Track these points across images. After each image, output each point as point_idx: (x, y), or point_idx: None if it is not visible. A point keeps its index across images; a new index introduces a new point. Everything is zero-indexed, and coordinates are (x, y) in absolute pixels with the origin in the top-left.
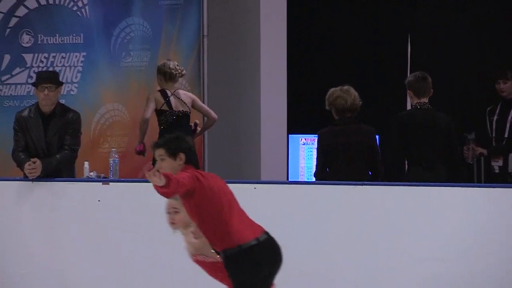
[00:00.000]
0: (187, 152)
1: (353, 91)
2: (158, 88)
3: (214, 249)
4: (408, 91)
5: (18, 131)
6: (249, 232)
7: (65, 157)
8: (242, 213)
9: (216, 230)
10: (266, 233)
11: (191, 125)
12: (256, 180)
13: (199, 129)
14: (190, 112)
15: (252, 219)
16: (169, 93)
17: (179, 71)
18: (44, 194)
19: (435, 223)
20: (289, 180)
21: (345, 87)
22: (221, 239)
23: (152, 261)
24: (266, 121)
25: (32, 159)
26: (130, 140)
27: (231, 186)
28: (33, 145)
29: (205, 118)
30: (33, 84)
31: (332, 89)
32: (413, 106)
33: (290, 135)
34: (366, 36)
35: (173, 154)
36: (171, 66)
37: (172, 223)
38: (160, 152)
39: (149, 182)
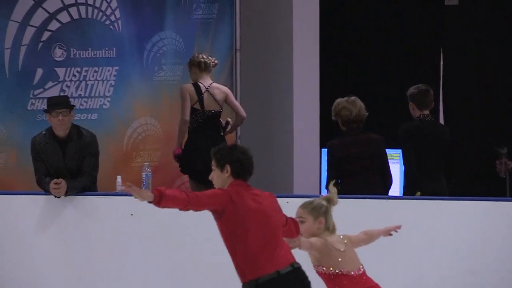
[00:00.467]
0: (234, 165)
1: (359, 102)
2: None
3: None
4: (410, 103)
5: (37, 158)
6: (271, 264)
7: (86, 184)
8: (272, 240)
9: (240, 258)
10: (292, 264)
11: (221, 122)
12: (289, 194)
13: (229, 127)
14: (221, 111)
15: (286, 247)
16: (203, 88)
17: (212, 60)
18: (77, 208)
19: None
20: (322, 193)
21: (351, 98)
22: (242, 270)
23: (186, 273)
24: (298, 135)
25: (57, 179)
26: (162, 154)
27: None
28: (53, 171)
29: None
30: (46, 111)
31: (338, 100)
32: (416, 118)
33: (322, 149)
34: (399, 50)
35: (220, 165)
36: (204, 56)
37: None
38: (212, 162)
39: None
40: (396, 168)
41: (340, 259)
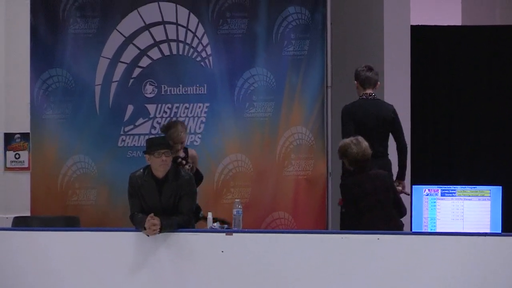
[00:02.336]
0: None
1: (364, 142)
2: None
3: None
4: (355, 82)
5: (133, 195)
6: None
7: (180, 223)
8: None
9: None
10: None
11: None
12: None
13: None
14: None
15: None
16: None
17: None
18: (167, 244)
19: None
20: (413, 230)
21: (357, 138)
22: None
23: None
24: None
25: (153, 216)
26: (253, 190)
27: (355, 237)
28: (148, 209)
29: None
30: (147, 152)
31: (343, 140)
32: (359, 97)
33: (413, 186)
34: (490, 91)
35: None
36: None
37: None
38: None
39: (271, 233)
40: (487, 205)
41: None
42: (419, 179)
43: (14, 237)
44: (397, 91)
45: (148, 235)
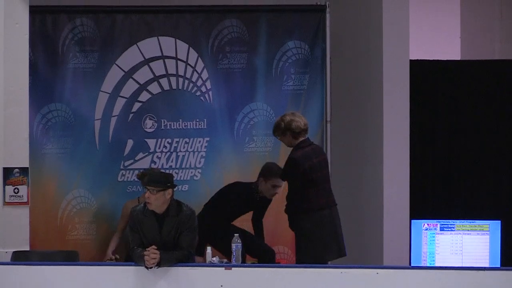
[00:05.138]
0: None
1: (300, 114)
2: None
3: None
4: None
5: (133, 229)
6: None
7: (180, 258)
8: None
9: None
10: None
11: None
12: (379, 265)
13: None
14: None
15: None
16: None
17: None
18: (166, 278)
19: None
20: (412, 265)
21: (293, 112)
22: None
23: None
24: (388, 206)
25: (154, 247)
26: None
27: (354, 271)
28: (148, 244)
29: None
30: (142, 184)
31: (278, 119)
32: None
33: (412, 220)
34: (490, 125)
35: None
36: None
37: None
38: None
39: (270, 267)
40: (486, 239)
41: None
42: (418, 213)
43: (13, 271)
44: (396, 126)
45: (147, 268)
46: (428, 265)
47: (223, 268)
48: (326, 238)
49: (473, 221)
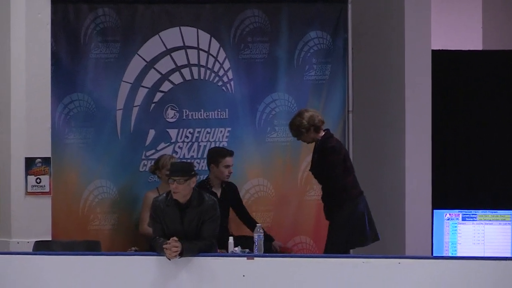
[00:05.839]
0: None
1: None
2: None
3: None
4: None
5: (155, 219)
6: None
7: (202, 248)
8: None
9: None
10: None
11: None
12: (401, 255)
13: None
14: None
15: None
16: None
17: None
18: (188, 268)
19: None
20: (434, 255)
21: (306, 109)
22: None
23: None
24: (410, 196)
25: (175, 238)
26: (275, 215)
27: (376, 261)
28: (170, 234)
29: None
30: (167, 175)
31: (296, 119)
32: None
33: (434, 210)
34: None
35: None
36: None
37: None
38: None
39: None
40: (508, 229)
41: None
42: (440, 203)
43: (35, 261)
44: (418, 116)
45: (169, 259)
46: (450, 255)
47: (245, 258)
48: (365, 224)
49: (495, 211)
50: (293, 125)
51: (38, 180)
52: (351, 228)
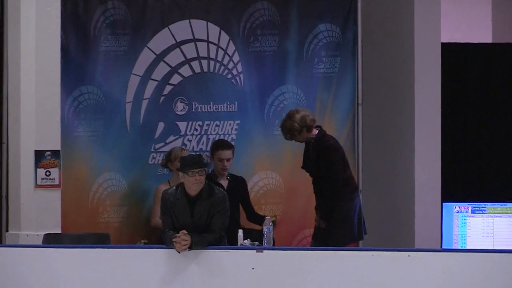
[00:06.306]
0: None
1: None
2: None
3: None
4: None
5: (165, 212)
6: None
7: (211, 241)
8: None
9: None
10: None
11: None
12: (410, 248)
13: None
14: None
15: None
16: None
17: None
18: (198, 261)
19: None
20: (443, 247)
21: (292, 110)
22: None
23: None
24: (420, 189)
25: (185, 231)
26: (284, 207)
27: (385, 254)
28: (180, 227)
29: None
30: (181, 170)
31: (286, 123)
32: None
33: (444, 203)
34: None
35: None
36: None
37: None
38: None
39: (302, 250)
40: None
41: None
42: (449, 196)
43: (45, 254)
44: (427, 109)
45: (179, 252)
46: (459, 247)
47: (255, 251)
48: (362, 218)
49: (504, 204)
50: (284, 128)
51: (47, 173)
52: (353, 221)
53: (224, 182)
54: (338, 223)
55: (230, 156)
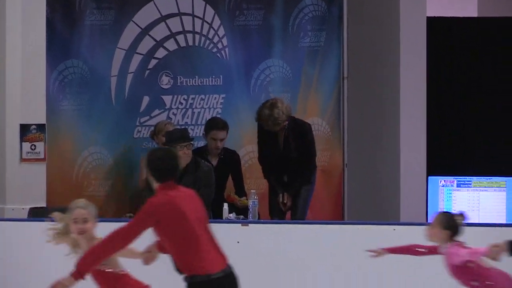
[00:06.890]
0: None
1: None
2: None
3: (180, 271)
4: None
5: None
6: (216, 263)
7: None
8: (211, 240)
9: (185, 256)
10: (229, 266)
11: None
12: (396, 221)
13: None
14: None
15: (220, 248)
16: None
17: None
18: None
19: None
20: (429, 221)
21: (275, 99)
22: (189, 265)
23: None
24: (405, 163)
25: None
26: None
27: (370, 228)
28: None
29: None
30: (167, 144)
31: (274, 109)
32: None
33: (429, 177)
34: (507, 82)
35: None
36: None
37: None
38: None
39: (287, 223)
40: (503, 196)
41: None
42: (435, 170)
43: (30, 227)
44: (413, 82)
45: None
46: None
47: (240, 225)
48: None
49: (490, 177)
50: (271, 117)
51: (33, 147)
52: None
53: (214, 160)
54: (301, 204)
55: (224, 137)
